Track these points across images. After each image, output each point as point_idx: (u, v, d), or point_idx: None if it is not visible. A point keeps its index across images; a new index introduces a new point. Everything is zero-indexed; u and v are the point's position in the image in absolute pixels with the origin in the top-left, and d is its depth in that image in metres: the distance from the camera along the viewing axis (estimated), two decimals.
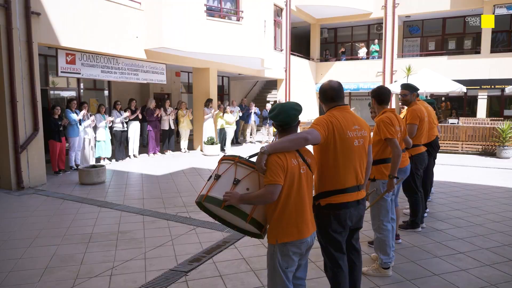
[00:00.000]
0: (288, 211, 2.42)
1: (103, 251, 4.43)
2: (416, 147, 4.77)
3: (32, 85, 7.47)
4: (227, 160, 2.59)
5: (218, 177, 2.53)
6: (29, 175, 7.55)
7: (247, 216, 2.45)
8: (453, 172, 9.06)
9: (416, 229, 4.96)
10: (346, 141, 2.66)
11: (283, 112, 2.52)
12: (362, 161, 2.81)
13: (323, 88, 2.84)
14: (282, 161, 2.38)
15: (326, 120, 2.66)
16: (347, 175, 2.70)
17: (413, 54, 20.54)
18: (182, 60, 11.38)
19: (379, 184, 3.70)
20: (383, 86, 3.84)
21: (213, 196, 2.48)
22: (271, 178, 2.35)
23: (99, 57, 9.27)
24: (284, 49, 17.86)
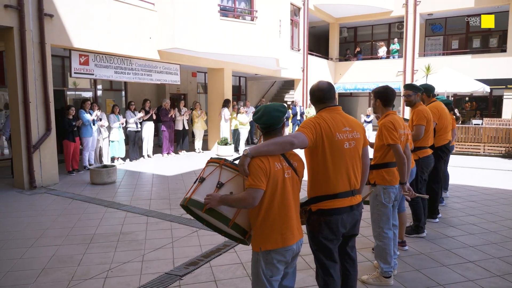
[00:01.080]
0: (272, 218, 2.32)
1: (102, 253, 4.42)
2: (422, 149, 4.56)
3: (45, 86, 7.60)
4: (212, 163, 2.52)
5: (203, 180, 2.47)
6: (41, 174, 7.67)
7: (229, 221, 2.37)
8: (472, 175, 8.69)
9: (420, 234, 4.74)
10: (335, 144, 2.53)
11: (266, 114, 2.42)
12: (356, 165, 2.65)
13: (311, 89, 2.72)
14: (264, 165, 2.28)
15: (314, 123, 2.54)
16: (338, 179, 2.56)
17: (435, 53, 19.94)
18: (196, 61, 11.38)
19: (380, 190, 3.51)
20: (388, 86, 3.65)
21: (196, 199, 2.42)
22: (252, 182, 2.25)
23: (113, 58, 9.37)
24: (301, 49, 17.66)
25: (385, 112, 3.62)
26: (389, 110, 3.61)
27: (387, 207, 3.50)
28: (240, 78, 18.47)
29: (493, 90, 17.13)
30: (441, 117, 5.15)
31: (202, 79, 16.73)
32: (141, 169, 9.57)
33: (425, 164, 4.58)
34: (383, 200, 3.49)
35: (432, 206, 5.29)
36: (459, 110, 18.01)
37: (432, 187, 5.20)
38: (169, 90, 14.70)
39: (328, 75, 20.44)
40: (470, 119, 17.76)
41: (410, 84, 4.68)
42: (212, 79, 12.96)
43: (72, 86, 11.92)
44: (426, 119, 4.48)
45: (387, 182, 3.49)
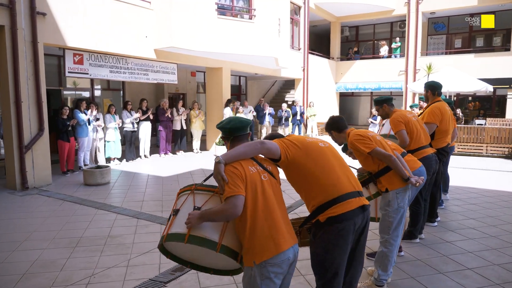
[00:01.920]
0: (260, 225, 2.14)
1: (87, 257, 4.27)
2: (419, 150, 4.34)
3: (38, 85, 7.47)
4: (183, 192, 2.39)
5: (177, 212, 2.29)
6: (34, 175, 7.55)
7: (215, 244, 2.14)
8: (473, 177, 8.50)
9: (413, 240, 4.56)
10: (309, 146, 2.44)
11: (234, 119, 2.41)
12: (343, 165, 2.51)
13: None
14: (238, 170, 2.15)
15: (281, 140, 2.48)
16: (335, 180, 2.39)
17: (438, 52, 19.70)
18: (193, 60, 11.24)
19: (392, 195, 3.35)
20: (334, 116, 3.47)
21: (174, 232, 2.21)
22: (230, 190, 2.10)
23: (108, 57, 9.24)
24: (302, 48, 17.48)
25: (342, 135, 3.38)
26: (345, 131, 3.37)
27: (399, 212, 3.35)
28: (240, 77, 18.31)
29: (497, 89, 16.90)
30: (443, 120, 4.88)
31: (201, 78, 16.59)
32: (137, 170, 9.44)
33: (425, 166, 4.37)
34: (398, 205, 3.34)
35: (431, 210, 5.11)
36: (462, 110, 17.78)
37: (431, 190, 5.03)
38: (168, 89, 14.56)
39: (329, 75, 20.26)
40: (473, 119, 17.52)
41: (375, 100, 4.47)
42: (211, 79, 12.81)
43: (72, 86, 11.81)
44: (403, 122, 4.20)
45: (397, 184, 3.33)
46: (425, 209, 4.58)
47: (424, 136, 4.41)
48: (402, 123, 4.21)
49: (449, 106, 5.80)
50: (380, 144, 3.31)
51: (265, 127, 14.54)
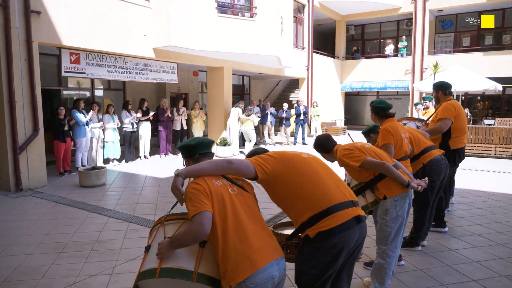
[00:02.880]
0: (232, 242, 1.90)
1: (71, 263, 4.09)
2: (425, 153, 4.08)
3: (32, 85, 7.33)
4: (155, 227, 2.21)
5: (148, 248, 2.10)
6: (28, 176, 7.42)
7: (191, 273, 1.91)
8: (481, 179, 8.18)
9: (415, 248, 4.29)
10: (290, 157, 2.24)
11: (197, 139, 2.30)
12: (332, 173, 2.27)
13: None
14: (201, 185, 1.96)
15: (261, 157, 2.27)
16: (324, 189, 2.13)
17: (445, 51, 19.31)
18: (194, 59, 11.05)
19: (391, 203, 3.10)
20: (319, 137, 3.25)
21: (145, 269, 2.00)
22: (194, 208, 1.88)
23: (105, 56, 9.08)
24: (306, 47, 17.23)
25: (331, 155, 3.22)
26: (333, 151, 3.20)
27: (398, 221, 3.12)
28: (243, 77, 18.11)
29: (506, 88, 16.50)
30: (459, 117, 4.70)
31: (204, 78, 16.39)
32: (135, 171, 9.27)
33: (433, 171, 4.06)
34: (396, 213, 3.10)
35: (440, 214, 4.85)
36: (470, 110, 17.39)
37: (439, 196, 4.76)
38: (170, 89, 14.41)
39: (334, 74, 19.98)
40: (482, 119, 17.13)
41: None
42: (212, 78, 12.62)
43: (76, 86, 11.70)
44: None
45: (396, 191, 3.09)
46: (431, 215, 4.32)
47: (423, 137, 4.16)
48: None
49: None
50: (372, 153, 3.10)
51: (267, 127, 14.31)
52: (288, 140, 14.43)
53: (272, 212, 5.68)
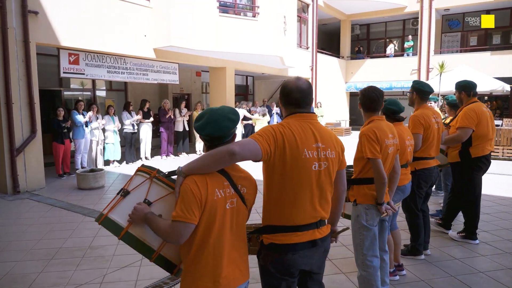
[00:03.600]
0: (204, 259, 1.80)
1: (61, 271, 3.97)
2: (422, 160, 3.93)
3: (30, 86, 7.24)
4: (142, 172, 2.02)
5: (126, 193, 1.97)
6: (26, 179, 7.33)
7: (152, 252, 1.90)
8: (487, 182, 7.86)
9: (417, 256, 4.10)
10: (300, 163, 1.94)
11: (213, 122, 1.86)
12: (324, 191, 2.05)
13: (286, 87, 2.07)
14: (200, 191, 1.75)
15: (275, 131, 1.93)
16: (299, 208, 1.98)
17: (452, 50, 19.02)
18: (195, 60, 10.92)
19: (361, 210, 2.91)
20: (373, 87, 3.02)
21: (113, 219, 1.92)
22: (181, 214, 1.73)
23: (105, 57, 8.98)
24: (310, 46, 17.04)
25: (367, 117, 3.01)
26: (373, 116, 2.98)
27: (370, 230, 2.89)
28: (247, 77, 17.96)
29: None
30: (481, 123, 4.35)
31: (207, 78, 16.27)
32: None
33: (423, 177, 3.94)
34: (365, 222, 2.89)
35: (471, 225, 4.60)
36: None
37: (470, 202, 4.56)
38: (172, 90, 14.29)
39: (339, 74, 19.76)
40: None
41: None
42: (214, 79, 12.49)
43: (80, 86, 11.64)
44: (423, 126, 3.86)
45: (369, 200, 2.89)
46: (426, 220, 4.14)
47: (434, 147, 3.99)
48: (421, 127, 3.84)
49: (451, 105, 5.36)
50: (387, 157, 2.90)
51: None
52: None
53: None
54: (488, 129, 4.45)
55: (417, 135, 3.83)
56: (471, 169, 4.45)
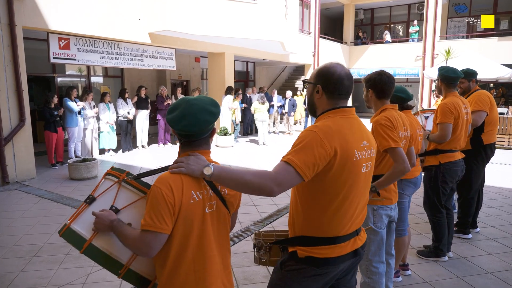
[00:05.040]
0: (183, 275, 1.55)
1: (43, 270, 3.74)
2: (448, 152, 3.62)
3: (17, 72, 6.93)
4: (111, 176, 1.77)
5: (92, 200, 1.73)
6: (15, 169, 7.08)
7: (120, 266, 1.66)
8: (494, 173, 7.61)
9: (441, 258, 3.79)
10: (352, 167, 1.68)
11: (190, 115, 1.57)
12: (367, 193, 1.84)
13: (335, 73, 1.74)
14: (173, 196, 1.49)
15: (321, 139, 1.60)
16: (344, 216, 1.72)
17: (458, 36, 18.51)
18: (192, 45, 10.56)
19: (368, 211, 2.61)
20: (384, 71, 2.74)
21: (75, 230, 1.69)
22: (150, 222, 1.48)
23: (98, 42, 8.64)
24: (312, 32, 16.59)
25: (380, 106, 2.73)
26: (386, 104, 2.71)
27: (378, 233, 2.62)
28: (248, 63, 17.56)
29: None
30: (493, 107, 4.23)
31: (206, 64, 15.92)
32: (132, 162, 8.91)
33: (448, 172, 3.61)
34: (373, 224, 2.61)
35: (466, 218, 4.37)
36: None
37: (468, 196, 4.31)
38: (170, 76, 13.95)
39: (341, 60, 19.31)
40: None
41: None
42: (213, 64, 12.14)
43: (77, 72, 11.33)
44: (453, 115, 3.52)
45: (378, 201, 2.62)
46: (449, 219, 3.84)
47: (462, 138, 3.69)
48: (452, 116, 3.52)
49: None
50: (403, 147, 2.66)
51: (272, 116, 13.81)
52: (290, 130, 13.90)
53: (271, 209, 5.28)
54: (497, 115, 4.34)
55: (447, 124, 3.50)
56: (479, 157, 4.21)
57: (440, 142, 3.56)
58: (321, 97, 1.78)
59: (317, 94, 1.79)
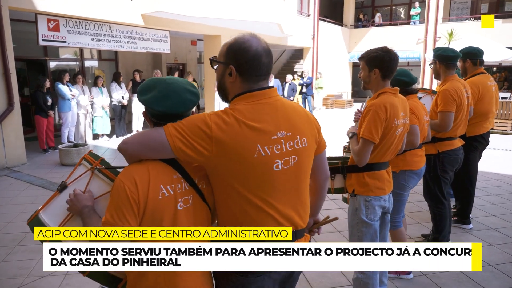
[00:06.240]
0: (152, 275, 1.38)
1: (25, 260, 3.59)
2: (447, 140, 3.44)
3: (4, 55, 6.70)
4: (86, 161, 1.60)
5: (64, 187, 1.57)
6: (5, 154, 6.92)
7: None
8: (496, 159, 7.44)
9: None
10: (254, 164, 1.35)
11: (174, 95, 1.42)
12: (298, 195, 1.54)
13: (251, 48, 1.38)
14: (137, 191, 1.33)
15: (209, 126, 1.33)
16: (263, 219, 1.45)
17: (461, 18, 18.09)
18: (187, 27, 10.26)
19: (360, 202, 2.44)
20: (387, 48, 2.41)
21: (43, 220, 1.55)
22: (110, 220, 1.32)
23: (89, 23, 8.36)
24: (312, 14, 16.20)
25: (382, 87, 2.43)
26: (386, 85, 2.44)
27: (371, 226, 2.43)
28: None
29: None
30: (483, 100, 3.92)
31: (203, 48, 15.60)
32: None
33: (448, 160, 3.43)
34: (365, 216, 2.43)
35: (465, 209, 4.20)
36: None
37: (463, 185, 4.13)
38: (166, 60, 13.65)
39: (342, 43, 18.96)
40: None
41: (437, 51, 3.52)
42: (208, 48, 11.86)
43: (72, 56, 11.05)
44: (456, 102, 3.30)
45: (370, 191, 2.42)
46: (450, 209, 3.67)
47: (462, 125, 3.51)
48: (454, 103, 3.31)
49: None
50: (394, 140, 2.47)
51: None
52: None
53: None
54: (490, 106, 4.01)
55: (450, 113, 3.30)
56: (466, 149, 3.92)
57: (439, 132, 3.36)
58: (235, 80, 1.42)
59: (230, 77, 1.42)
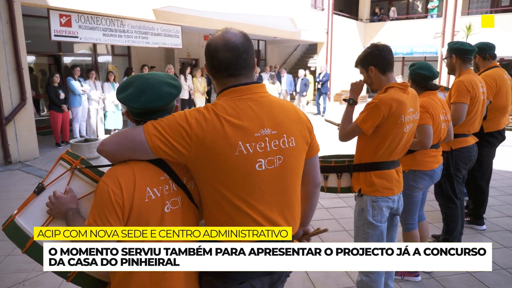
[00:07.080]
0: (138, 279, 1.34)
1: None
2: (460, 137, 3.29)
3: (16, 50, 6.76)
4: (64, 161, 1.57)
5: (41, 190, 1.51)
6: (18, 149, 7.01)
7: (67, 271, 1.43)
8: (508, 157, 7.16)
9: None
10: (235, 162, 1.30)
11: (149, 89, 1.37)
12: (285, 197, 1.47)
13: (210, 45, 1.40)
14: (121, 194, 1.29)
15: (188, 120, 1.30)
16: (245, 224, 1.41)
17: (481, 11, 17.57)
18: (199, 21, 10.22)
19: (367, 203, 2.33)
20: (374, 44, 2.36)
21: (19, 225, 1.47)
22: (92, 224, 1.29)
23: (100, 19, 8.39)
24: (326, 8, 15.97)
25: (386, 82, 2.32)
26: (392, 82, 2.31)
27: (377, 227, 2.32)
28: (259, 41, 17.09)
29: None
30: (500, 94, 3.76)
31: None
32: None
33: (461, 158, 3.30)
34: (371, 217, 2.32)
35: (478, 209, 4.04)
36: None
37: (477, 183, 3.96)
38: (179, 55, 13.64)
39: (357, 38, 18.66)
40: None
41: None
42: None
43: (88, 51, 11.16)
44: (470, 94, 3.18)
45: (377, 191, 2.31)
46: (463, 209, 3.53)
47: (477, 121, 3.38)
48: (468, 95, 3.19)
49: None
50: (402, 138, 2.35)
51: (281, 97, 13.41)
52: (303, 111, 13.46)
53: None
54: (507, 100, 3.85)
55: (462, 105, 3.17)
56: (481, 145, 3.77)
57: (453, 124, 3.23)
58: (213, 78, 1.44)
59: (211, 75, 1.44)
